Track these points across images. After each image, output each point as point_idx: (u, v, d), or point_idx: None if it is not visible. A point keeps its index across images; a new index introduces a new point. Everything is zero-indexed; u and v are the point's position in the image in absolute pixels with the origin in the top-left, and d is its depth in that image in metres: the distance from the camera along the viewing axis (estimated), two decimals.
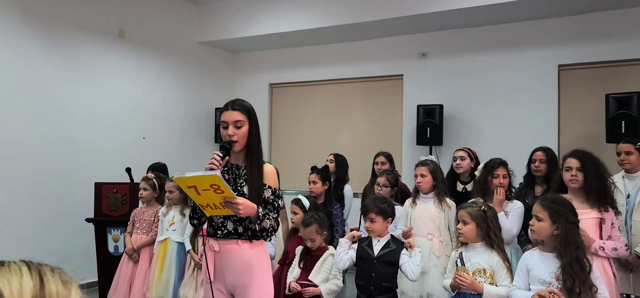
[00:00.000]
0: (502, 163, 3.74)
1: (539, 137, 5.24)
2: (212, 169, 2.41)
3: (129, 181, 5.30)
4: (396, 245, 3.27)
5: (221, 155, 2.47)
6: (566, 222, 2.64)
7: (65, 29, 5.92)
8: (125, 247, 4.67)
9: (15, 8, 5.47)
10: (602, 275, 2.77)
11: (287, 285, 3.46)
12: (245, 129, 2.54)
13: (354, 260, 3.27)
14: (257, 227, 2.49)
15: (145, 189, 4.52)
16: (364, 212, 3.36)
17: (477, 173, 3.86)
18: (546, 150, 4.31)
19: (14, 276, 0.71)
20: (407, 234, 3.71)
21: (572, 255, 2.58)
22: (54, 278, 0.75)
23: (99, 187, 5.13)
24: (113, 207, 5.05)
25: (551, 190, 3.57)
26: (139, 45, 6.75)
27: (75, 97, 6.01)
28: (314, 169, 4.55)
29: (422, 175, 3.87)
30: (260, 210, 2.47)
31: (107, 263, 4.93)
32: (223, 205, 2.35)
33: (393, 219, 3.40)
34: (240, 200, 2.36)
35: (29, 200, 5.54)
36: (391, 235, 3.38)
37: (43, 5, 5.71)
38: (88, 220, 5.12)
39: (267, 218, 2.50)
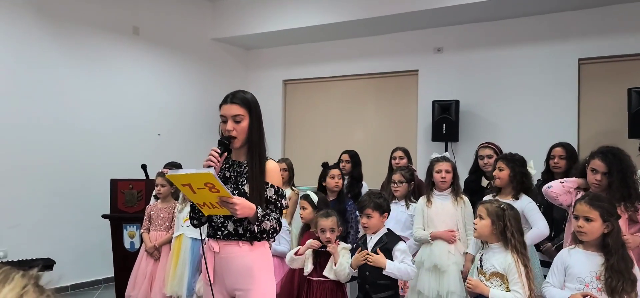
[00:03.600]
0: (501, 157, 3.72)
1: (558, 133, 5.15)
2: (209, 166, 2.27)
3: (144, 177, 5.31)
4: (389, 239, 3.21)
5: (219, 151, 2.33)
6: (615, 220, 2.60)
7: (80, 27, 5.95)
8: (141, 243, 4.67)
9: (31, 6, 5.50)
10: None
11: (291, 255, 3.43)
12: (245, 123, 2.38)
13: None
14: (255, 228, 2.35)
15: (163, 186, 4.52)
16: (360, 208, 3.32)
17: (531, 169, 3.76)
18: (565, 146, 4.21)
19: None
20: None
21: (620, 253, 2.53)
22: None
23: (114, 183, 5.14)
24: (129, 203, 5.06)
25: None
26: (153, 42, 6.76)
27: (91, 94, 6.03)
28: (328, 166, 4.53)
29: (447, 171, 3.81)
30: (260, 211, 2.32)
31: (123, 259, 4.94)
32: (219, 204, 2.22)
33: (389, 214, 3.35)
34: (237, 199, 2.22)
35: (46, 196, 5.58)
36: (387, 229, 3.32)
37: (58, 3, 5.73)
38: (104, 216, 5.14)
39: (268, 220, 2.35)
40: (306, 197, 3.89)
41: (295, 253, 3.43)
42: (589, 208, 2.60)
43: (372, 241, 3.25)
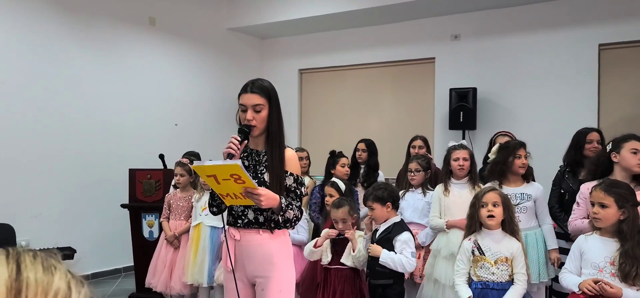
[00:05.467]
0: (523, 145, 3.66)
1: (577, 120, 5.06)
2: (230, 154, 2.29)
3: (162, 167, 5.36)
4: (394, 229, 3.26)
5: (239, 139, 2.34)
6: (632, 206, 2.57)
7: (97, 18, 6.00)
8: (159, 232, 4.72)
9: None
10: None
11: (310, 248, 3.47)
12: (264, 113, 2.39)
13: None
14: (280, 218, 2.38)
15: (182, 175, 4.55)
16: (364, 202, 3.45)
17: (491, 155, 3.75)
18: (599, 131, 4.14)
19: None
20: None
21: (635, 239, 2.52)
22: (33, 265, 0.69)
23: (133, 173, 5.20)
24: (147, 193, 5.12)
25: (593, 170, 3.39)
26: (169, 33, 6.79)
27: (109, 84, 6.09)
28: (337, 154, 4.59)
29: (464, 159, 3.79)
30: (283, 201, 2.34)
31: (142, 248, 5.01)
32: (244, 195, 2.23)
33: (393, 203, 3.36)
34: (262, 190, 2.23)
35: (66, 187, 5.67)
36: (401, 219, 3.37)
37: None
38: (123, 205, 5.20)
39: (291, 209, 2.38)
40: (333, 185, 3.91)
41: (314, 246, 3.45)
42: (604, 194, 2.60)
43: (379, 230, 3.32)
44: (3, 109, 5.16)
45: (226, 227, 2.51)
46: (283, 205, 2.34)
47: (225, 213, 2.52)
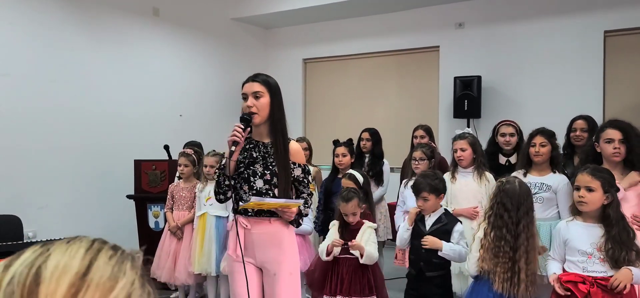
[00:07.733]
0: (540, 132, 3.59)
1: (582, 107, 5.03)
2: (235, 141, 2.44)
3: (167, 158, 5.38)
4: (448, 220, 3.19)
5: (242, 127, 2.46)
6: (615, 192, 2.61)
7: (101, 9, 6.00)
8: (165, 222, 4.75)
9: None
10: None
11: (324, 250, 3.44)
12: (264, 100, 2.51)
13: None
14: (301, 220, 2.65)
15: (186, 166, 4.57)
16: (416, 191, 3.24)
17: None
18: (587, 119, 4.15)
19: (65, 256, 0.66)
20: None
21: (620, 225, 2.55)
22: (105, 267, 0.67)
23: (138, 164, 5.22)
24: (152, 183, 5.14)
25: (584, 160, 3.38)
26: (173, 23, 6.79)
27: (113, 75, 6.10)
28: (338, 143, 4.56)
29: (462, 149, 3.78)
30: (301, 205, 2.57)
31: (148, 239, 5.03)
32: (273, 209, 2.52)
33: (445, 194, 3.33)
34: (284, 201, 2.50)
35: (72, 178, 5.70)
36: (445, 209, 3.31)
37: None
38: (129, 196, 5.23)
39: (307, 206, 2.64)
40: (351, 177, 3.89)
41: (326, 254, 3.40)
42: (591, 178, 2.61)
43: (430, 221, 3.20)
44: (8, 101, 5.18)
45: (235, 216, 2.59)
46: (302, 209, 2.60)
47: (230, 202, 2.67)
